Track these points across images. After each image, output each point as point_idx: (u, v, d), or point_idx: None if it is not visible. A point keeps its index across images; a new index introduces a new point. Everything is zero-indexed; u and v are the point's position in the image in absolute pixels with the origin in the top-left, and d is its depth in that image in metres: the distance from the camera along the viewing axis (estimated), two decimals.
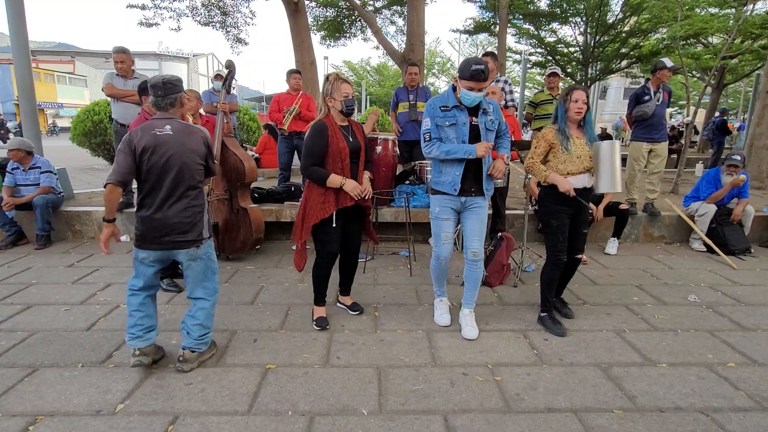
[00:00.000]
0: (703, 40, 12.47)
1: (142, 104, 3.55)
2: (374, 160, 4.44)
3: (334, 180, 2.76)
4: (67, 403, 2.14)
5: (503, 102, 4.70)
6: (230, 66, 4.25)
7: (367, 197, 2.91)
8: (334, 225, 2.84)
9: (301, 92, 5.59)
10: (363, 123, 4.38)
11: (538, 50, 16.24)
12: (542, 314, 3.06)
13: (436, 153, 2.78)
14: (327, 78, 2.86)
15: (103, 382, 2.32)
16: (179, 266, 3.88)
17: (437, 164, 2.88)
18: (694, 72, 12.72)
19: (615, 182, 2.87)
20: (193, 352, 2.46)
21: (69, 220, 5.03)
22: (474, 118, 2.80)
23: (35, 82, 5.74)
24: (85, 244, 4.83)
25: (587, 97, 2.92)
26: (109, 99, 4.94)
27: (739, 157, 4.78)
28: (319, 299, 3.06)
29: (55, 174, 5.00)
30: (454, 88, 2.80)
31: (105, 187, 2.29)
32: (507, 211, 4.87)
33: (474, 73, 2.60)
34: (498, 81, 5.09)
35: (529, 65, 16.28)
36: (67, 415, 2.06)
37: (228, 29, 10.77)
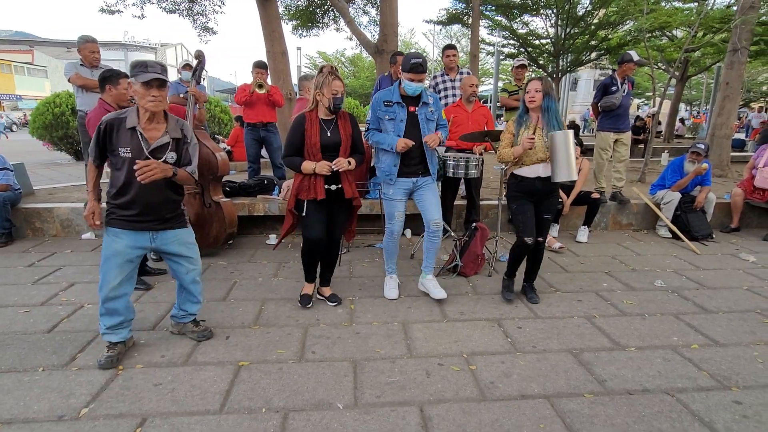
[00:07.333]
0: (667, 33, 12.81)
1: (101, 94, 3.39)
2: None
3: (307, 166, 2.82)
4: (27, 410, 2.04)
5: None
6: (200, 56, 4.14)
7: (337, 167, 2.80)
8: (304, 213, 2.90)
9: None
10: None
11: (511, 42, 16.33)
12: (504, 277, 3.38)
13: (371, 141, 3.17)
14: (321, 70, 2.83)
15: (66, 385, 2.22)
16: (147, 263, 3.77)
17: (377, 152, 3.22)
18: (659, 64, 13.06)
19: (571, 171, 2.88)
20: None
21: (28, 217, 4.79)
22: (416, 109, 3.09)
23: None
24: (46, 242, 4.61)
25: (545, 86, 2.97)
26: (73, 90, 4.71)
27: (702, 146, 4.94)
28: (307, 277, 3.21)
29: (12, 170, 4.75)
30: (400, 83, 3.08)
31: None
32: (481, 202, 4.92)
33: (413, 66, 2.94)
34: (462, 72, 5.18)
35: (502, 57, 16.37)
36: (26, 422, 1.97)
37: (195, 17, 10.38)
